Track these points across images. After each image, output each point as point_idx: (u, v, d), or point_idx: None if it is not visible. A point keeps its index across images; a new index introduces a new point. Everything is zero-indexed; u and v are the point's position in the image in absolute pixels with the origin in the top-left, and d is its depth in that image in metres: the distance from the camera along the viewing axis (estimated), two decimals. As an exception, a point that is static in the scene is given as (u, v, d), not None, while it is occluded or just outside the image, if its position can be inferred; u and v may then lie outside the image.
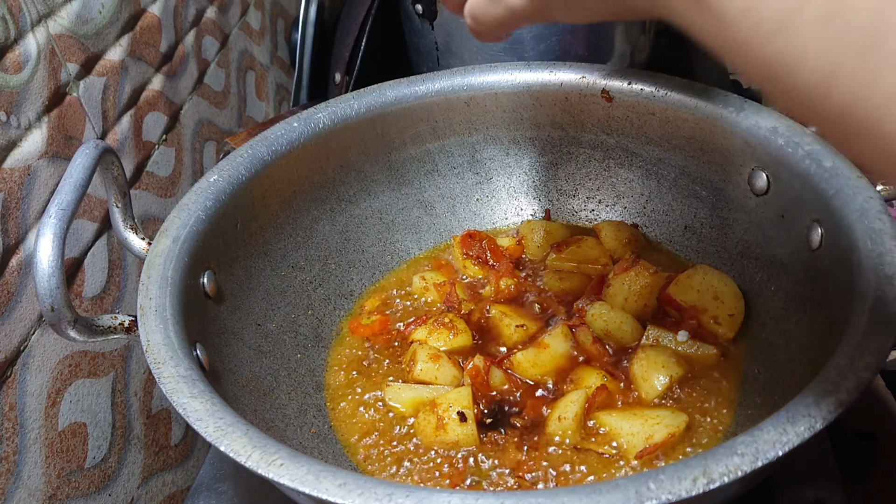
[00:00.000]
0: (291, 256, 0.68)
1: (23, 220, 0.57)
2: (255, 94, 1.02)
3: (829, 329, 0.50)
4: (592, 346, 0.62)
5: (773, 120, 0.61)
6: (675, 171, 0.70)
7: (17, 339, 0.56)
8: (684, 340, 0.62)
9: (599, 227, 0.74)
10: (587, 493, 0.36)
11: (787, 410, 0.40)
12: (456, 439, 0.57)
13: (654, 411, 0.57)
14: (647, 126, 0.69)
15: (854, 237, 0.50)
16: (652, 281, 0.65)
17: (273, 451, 0.41)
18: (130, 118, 0.72)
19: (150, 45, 0.76)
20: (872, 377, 0.41)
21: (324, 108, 0.70)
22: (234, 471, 0.64)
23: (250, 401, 0.56)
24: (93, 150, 0.52)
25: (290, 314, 0.66)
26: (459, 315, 0.67)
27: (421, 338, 0.65)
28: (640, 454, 0.54)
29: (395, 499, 0.37)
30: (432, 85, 0.73)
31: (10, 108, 0.56)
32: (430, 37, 0.89)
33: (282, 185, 0.67)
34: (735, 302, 0.63)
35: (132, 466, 0.68)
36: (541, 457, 0.56)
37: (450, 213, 0.78)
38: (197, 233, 0.57)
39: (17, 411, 0.55)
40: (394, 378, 0.64)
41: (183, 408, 0.44)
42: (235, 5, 0.97)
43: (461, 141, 0.76)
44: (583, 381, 0.60)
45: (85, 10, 0.66)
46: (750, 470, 0.37)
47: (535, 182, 0.77)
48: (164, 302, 0.51)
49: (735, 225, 0.66)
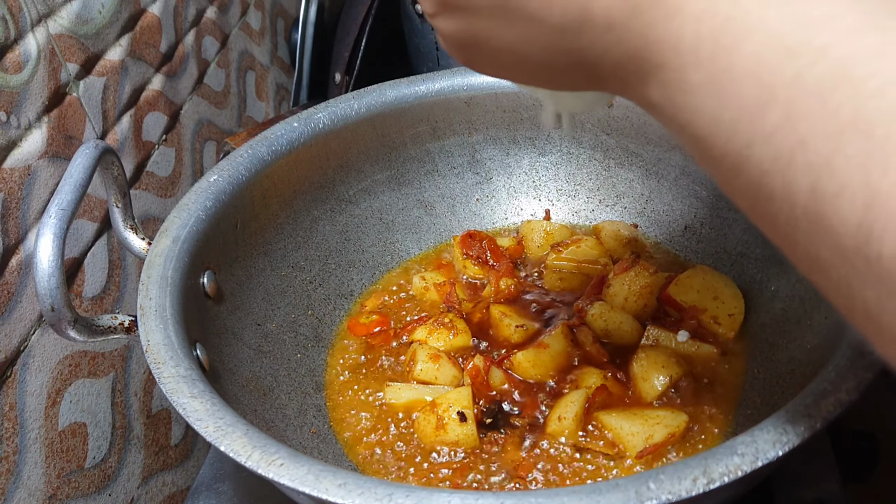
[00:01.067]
0: (291, 256, 0.68)
1: (23, 220, 0.57)
2: (255, 94, 1.02)
3: (829, 329, 0.50)
4: (592, 345, 0.62)
5: (773, 120, 0.61)
6: (675, 171, 0.70)
7: (17, 339, 0.56)
8: (684, 340, 0.62)
9: (599, 227, 0.74)
10: (587, 493, 0.36)
11: (787, 410, 0.40)
12: (456, 439, 0.57)
13: (654, 411, 0.57)
14: (647, 126, 0.69)
15: (854, 237, 0.50)
16: (652, 281, 0.65)
17: (273, 451, 0.41)
18: (130, 118, 0.72)
19: (150, 45, 0.76)
20: (872, 377, 0.41)
21: (324, 108, 0.70)
22: (234, 471, 0.64)
23: (250, 401, 0.56)
24: (93, 150, 0.52)
25: (290, 314, 0.66)
26: (459, 315, 0.67)
27: (421, 338, 0.65)
28: (640, 454, 0.54)
29: (395, 499, 0.37)
30: (432, 85, 0.73)
31: (10, 108, 0.56)
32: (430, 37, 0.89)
33: (282, 185, 0.67)
34: (735, 302, 0.63)
35: (132, 466, 0.68)
36: (541, 457, 0.56)
37: (450, 213, 0.78)
38: (197, 233, 0.57)
39: (17, 411, 0.55)
40: (394, 378, 0.64)
41: (183, 408, 0.44)
42: (235, 5, 0.97)
43: (461, 141, 0.76)
44: (583, 381, 0.60)
45: (85, 10, 0.66)
46: (750, 470, 0.37)
47: (535, 182, 0.77)
48: (164, 302, 0.51)
49: (735, 225, 0.66)
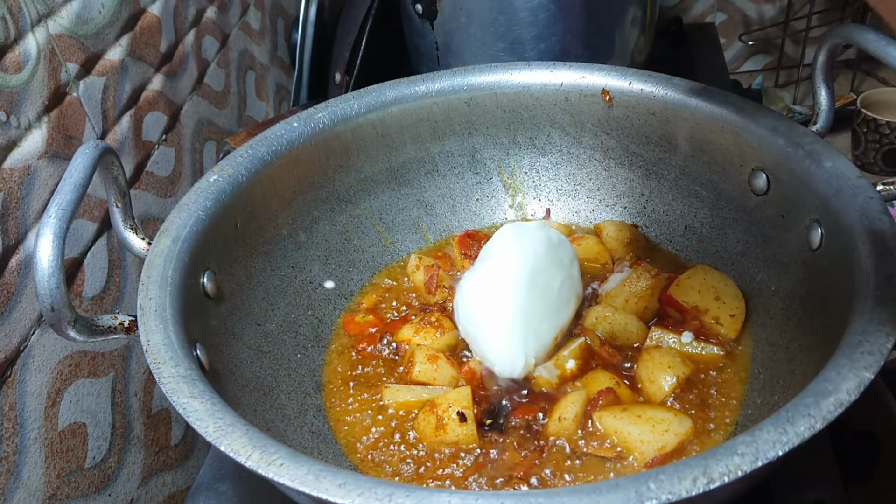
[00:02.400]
0: (291, 256, 0.68)
1: (23, 220, 0.57)
2: (255, 94, 1.02)
3: (829, 329, 0.50)
4: (601, 348, 0.62)
5: (773, 120, 0.61)
6: (675, 171, 0.70)
7: (17, 339, 0.56)
8: (689, 342, 0.62)
9: (600, 227, 0.74)
10: (587, 492, 0.36)
11: (787, 410, 0.40)
12: (456, 439, 0.57)
13: (658, 414, 0.56)
14: (647, 126, 0.69)
15: (854, 237, 0.50)
16: (653, 283, 0.65)
17: (273, 451, 0.41)
18: (130, 118, 0.72)
19: (150, 45, 0.76)
20: (872, 377, 0.41)
21: (324, 108, 0.70)
22: (234, 471, 0.64)
23: (250, 401, 0.56)
24: (93, 150, 0.52)
25: (290, 314, 0.66)
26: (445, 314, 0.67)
27: (406, 337, 0.65)
28: (650, 465, 0.54)
29: (395, 499, 0.37)
30: (432, 85, 0.73)
31: (10, 108, 0.56)
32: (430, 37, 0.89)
33: (282, 185, 0.67)
34: (736, 302, 0.63)
35: (132, 466, 0.68)
36: (541, 457, 0.56)
37: (450, 213, 0.78)
38: (197, 233, 0.57)
39: (17, 411, 0.55)
40: (393, 379, 0.64)
41: (183, 408, 0.44)
42: (235, 5, 0.97)
43: (461, 141, 0.76)
44: (593, 383, 0.60)
45: (85, 9, 0.66)
46: (750, 470, 0.37)
47: (535, 182, 0.77)
48: (164, 302, 0.51)
49: (735, 225, 0.66)
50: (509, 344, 0.59)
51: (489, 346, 0.60)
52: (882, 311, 0.44)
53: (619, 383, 0.59)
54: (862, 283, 0.47)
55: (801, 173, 0.57)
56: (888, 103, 1.44)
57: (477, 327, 0.61)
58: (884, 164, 1.42)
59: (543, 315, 0.61)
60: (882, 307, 0.45)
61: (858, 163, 1.44)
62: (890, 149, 1.40)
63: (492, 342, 0.60)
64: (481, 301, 0.61)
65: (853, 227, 0.51)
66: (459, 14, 0.86)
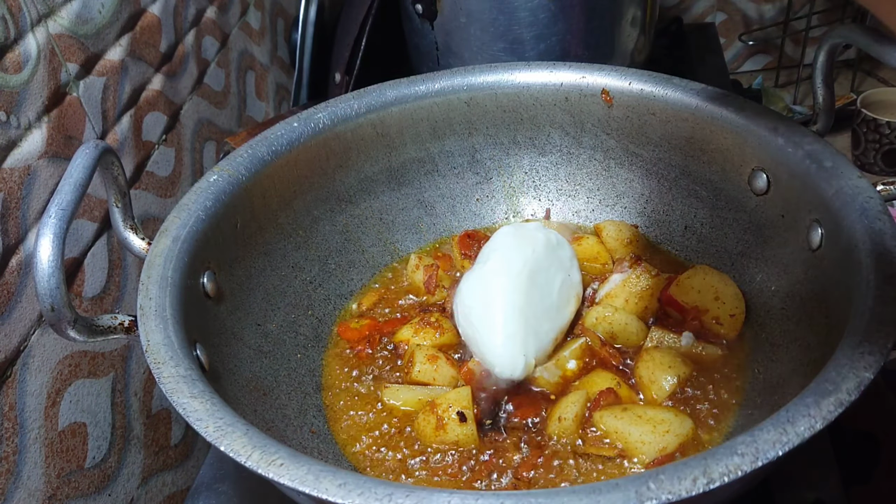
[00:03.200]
0: (291, 256, 0.68)
1: (23, 220, 0.57)
2: (255, 94, 1.02)
3: (829, 329, 0.50)
4: (602, 348, 0.62)
5: (773, 120, 0.61)
6: (675, 171, 0.70)
7: (17, 339, 0.56)
8: (689, 343, 0.62)
9: (600, 227, 0.74)
10: (587, 492, 0.36)
11: (787, 410, 0.40)
12: (456, 439, 0.57)
13: (658, 414, 0.56)
14: (647, 126, 0.69)
15: (854, 237, 0.50)
16: (654, 283, 0.65)
17: (273, 451, 0.41)
18: (130, 118, 0.72)
19: (150, 45, 0.76)
20: (872, 377, 0.41)
21: (324, 108, 0.70)
22: (234, 471, 0.64)
23: (250, 401, 0.56)
24: (93, 150, 0.52)
25: (290, 314, 0.66)
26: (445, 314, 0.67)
27: (406, 337, 0.65)
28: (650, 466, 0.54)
29: (395, 499, 0.37)
30: (432, 85, 0.73)
31: (10, 108, 0.56)
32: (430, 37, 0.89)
33: (282, 185, 0.67)
34: (736, 302, 0.63)
35: (132, 466, 0.68)
36: (541, 457, 0.56)
37: (450, 213, 0.78)
38: (197, 233, 0.57)
39: (17, 411, 0.55)
40: (393, 379, 0.64)
41: (183, 408, 0.44)
42: (235, 5, 0.97)
43: (461, 141, 0.76)
44: (593, 384, 0.60)
45: (85, 9, 0.66)
46: (750, 470, 0.37)
47: (535, 182, 0.77)
48: (164, 302, 0.51)
49: (735, 225, 0.66)
50: (509, 345, 0.59)
51: (489, 346, 0.60)
52: (882, 311, 0.44)
53: (619, 383, 0.59)
54: (862, 283, 0.47)
55: (801, 173, 0.57)
56: (888, 103, 1.44)
57: (476, 328, 0.61)
58: (884, 164, 1.42)
59: (543, 315, 0.61)
60: (882, 307, 0.45)
61: (858, 163, 1.44)
62: (890, 149, 1.40)
63: (491, 343, 0.60)
64: (481, 301, 0.61)
65: (853, 227, 0.51)
66: (459, 14, 0.86)
